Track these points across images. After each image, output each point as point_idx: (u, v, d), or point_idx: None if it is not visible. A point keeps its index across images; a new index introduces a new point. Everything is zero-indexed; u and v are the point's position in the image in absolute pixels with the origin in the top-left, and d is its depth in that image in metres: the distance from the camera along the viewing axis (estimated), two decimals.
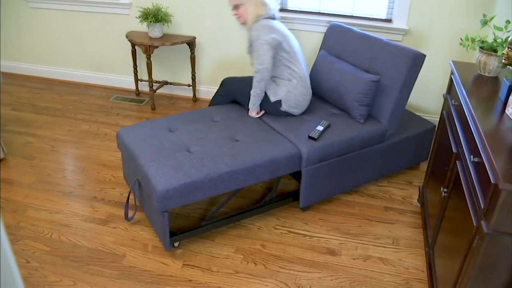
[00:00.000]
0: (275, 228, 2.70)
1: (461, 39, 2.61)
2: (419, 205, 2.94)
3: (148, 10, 3.90)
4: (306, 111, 2.98)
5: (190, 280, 2.32)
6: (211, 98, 4.38)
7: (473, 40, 2.50)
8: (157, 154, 2.47)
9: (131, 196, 2.92)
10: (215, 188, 2.40)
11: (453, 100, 2.37)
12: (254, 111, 2.94)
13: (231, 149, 2.54)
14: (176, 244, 2.50)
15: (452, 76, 2.53)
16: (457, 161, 2.04)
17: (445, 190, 2.15)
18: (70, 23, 4.48)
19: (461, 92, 2.22)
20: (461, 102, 2.19)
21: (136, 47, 4.26)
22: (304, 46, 3.95)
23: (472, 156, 1.80)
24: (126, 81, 4.63)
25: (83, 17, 4.40)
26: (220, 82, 4.30)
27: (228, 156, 2.48)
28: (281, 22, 2.91)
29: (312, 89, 3.26)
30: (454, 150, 2.13)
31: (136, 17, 4.03)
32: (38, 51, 4.76)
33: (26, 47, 4.79)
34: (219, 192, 2.43)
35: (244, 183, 2.49)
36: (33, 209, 2.80)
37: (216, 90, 3.72)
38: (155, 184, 2.27)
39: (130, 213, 2.76)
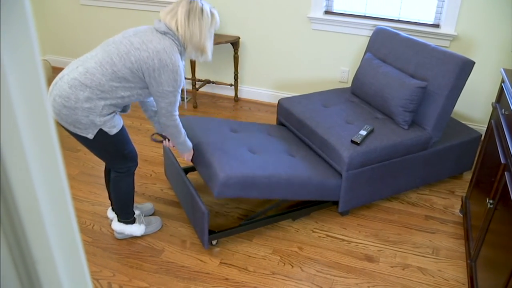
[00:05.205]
0: (313, 231, 2.68)
1: None
2: (462, 215, 2.87)
3: None
4: (350, 114, 2.95)
5: (227, 279, 2.33)
6: (252, 98, 4.40)
7: None
8: (220, 145, 2.55)
9: (172, 193, 2.97)
10: (270, 191, 2.45)
11: (503, 109, 2.31)
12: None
13: (288, 161, 2.61)
14: (214, 242, 2.53)
15: (502, 84, 2.46)
16: (505, 172, 1.98)
17: (491, 201, 2.09)
18: (117, 20, 4.58)
19: None
20: None
21: None
22: (348, 49, 3.92)
23: None
24: None
25: (130, 14, 4.50)
26: (262, 83, 4.32)
27: (287, 166, 2.54)
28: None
29: (356, 91, 3.24)
30: (502, 160, 2.07)
31: None
32: (86, 47, 4.89)
33: (75, 43, 4.93)
34: (272, 196, 2.48)
35: (295, 195, 2.55)
36: (77, 200, 2.88)
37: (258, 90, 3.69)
38: (219, 169, 2.33)
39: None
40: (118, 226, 2.52)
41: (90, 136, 2.14)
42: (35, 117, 0.48)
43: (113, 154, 2.29)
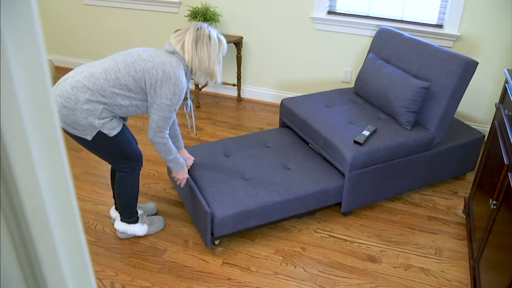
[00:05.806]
0: (316, 232, 2.68)
1: None
2: (464, 216, 2.86)
3: (197, 9, 3.94)
4: (353, 114, 2.95)
5: (229, 279, 2.33)
6: (255, 98, 4.40)
7: None
8: (214, 179, 2.56)
9: (175, 193, 2.97)
10: (267, 216, 2.48)
11: (506, 110, 2.30)
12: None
13: (283, 178, 2.61)
14: (216, 242, 2.53)
15: (506, 85, 2.45)
16: (508, 173, 1.98)
17: (494, 202, 2.09)
18: (121, 20, 4.59)
19: None
20: None
21: None
22: (351, 49, 3.91)
23: None
24: None
25: (133, 14, 4.50)
26: (265, 83, 4.32)
27: (280, 185, 2.55)
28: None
29: (359, 92, 3.24)
30: (505, 161, 2.06)
31: (185, 16, 4.09)
32: (89, 47, 4.90)
33: (78, 43, 4.93)
34: (271, 219, 2.51)
35: (294, 212, 2.57)
36: (79, 199, 2.88)
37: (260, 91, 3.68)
38: (213, 211, 2.35)
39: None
40: (121, 226, 2.52)
41: (89, 137, 2.15)
42: (40, 116, 0.48)
43: (114, 155, 2.30)
